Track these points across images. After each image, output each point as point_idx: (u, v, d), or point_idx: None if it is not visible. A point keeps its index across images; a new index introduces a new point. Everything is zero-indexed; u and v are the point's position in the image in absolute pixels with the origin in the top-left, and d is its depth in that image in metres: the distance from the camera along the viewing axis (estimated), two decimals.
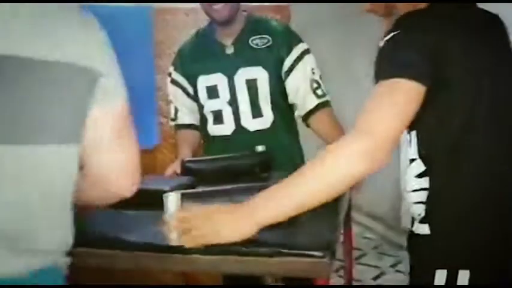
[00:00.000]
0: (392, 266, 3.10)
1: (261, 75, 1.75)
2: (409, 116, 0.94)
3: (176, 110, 1.88)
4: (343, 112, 1.90)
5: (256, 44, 1.76)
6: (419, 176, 1.02)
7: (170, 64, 1.91)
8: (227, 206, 1.02)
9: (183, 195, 1.03)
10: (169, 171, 1.66)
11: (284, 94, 1.79)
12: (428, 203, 1.01)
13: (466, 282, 0.97)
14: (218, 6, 1.67)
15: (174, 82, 1.87)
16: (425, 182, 1.02)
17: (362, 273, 3.01)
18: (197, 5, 1.92)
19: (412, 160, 1.02)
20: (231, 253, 0.98)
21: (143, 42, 2.52)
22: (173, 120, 1.90)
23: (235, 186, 1.15)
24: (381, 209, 3.57)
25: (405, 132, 1.01)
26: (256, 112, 1.76)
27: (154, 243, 1.01)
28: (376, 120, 0.94)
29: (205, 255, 0.98)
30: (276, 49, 1.75)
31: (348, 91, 3.76)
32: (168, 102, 2.23)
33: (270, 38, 1.76)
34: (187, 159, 1.65)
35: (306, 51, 1.78)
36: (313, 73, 1.77)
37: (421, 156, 1.01)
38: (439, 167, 1.00)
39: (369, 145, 0.91)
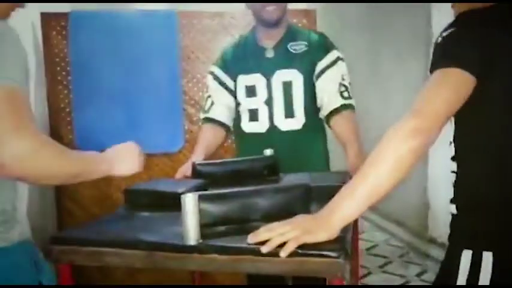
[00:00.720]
0: (418, 275, 3.04)
1: (296, 78, 1.85)
2: (457, 101, 1.04)
3: (212, 103, 1.94)
4: (368, 113, 1.91)
5: (294, 49, 1.88)
6: (452, 158, 1.14)
7: (213, 64, 2.01)
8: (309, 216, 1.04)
9: (200, 196, 1.03)
10: (179, 174, 1.71)
11: (315, 98, 1.87)
12: (456, 184, 1.13)
13: (489, 264, 1.04)
14: (271, 7, 1.79)
15: (216, 78, 1.95)
16: (455, 165, 1.14)
17: (387, 281, 2.95)
18: (223, 8, 1.95)
19: (450, 143, 1.14)
20: (247, 253, 0.98)
21: (169, 46, 2.54)
22: (205, 112, 1.96)
23: (251, 188, 1.15)
24: (408, 217, 3.51)
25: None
26: (289, 113, 1.86)
27: (172, 243, 1.01)
28: (427, 102, 1.03)
29: (222, 255, 0.98)
30: (311, 54, 1.86)
31: (372, 92, 3.73)
32: (193, 105, 2.25)
33: (306, 44, 1.88)
34: (198, 162, 1.68)
35: (339, 58, 1.87)
36: (343, 79, 1.85)
37: (454, 141, 1.13)
38: (467, 152, 1.12)
39: (420, 123, 1.00)
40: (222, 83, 1.93)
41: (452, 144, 1.14)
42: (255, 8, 1.84)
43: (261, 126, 1.88)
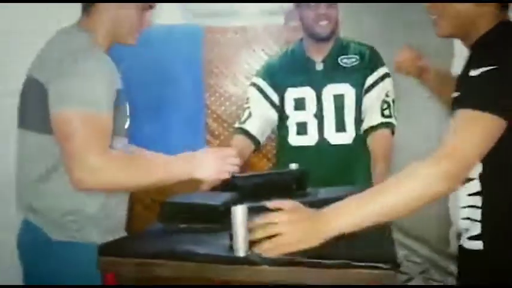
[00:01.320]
0: None
1: (348, 91, 1.85)
2: (488, 147, 1.02)
3: (249, 115, 1.92)
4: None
5: (345, 63, 1.88)
6: (472, 194, 1.12)
7: (255, 76, 1.99)
8: (306, 213, 1.02)
9: (249, 208, 1.03)
10: (205, 186, 1.67)
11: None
12: (482, 220, 1.10)
13: None
14: (324, 22, 1.80)
15: (259, 89, 1.93)
16: (477, 201, 1.11)
17: None
18: (246, 23, 1.97)
19: (468, 180, 1.10)
20: (296, 264, 0.97)
21: (193, 60, 2.57)
22: (241, 123, 1.93)
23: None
24: (429, 233, 3.47)
25: None
26: (340, 126, 1.85)
27: (224, 255, 1.01)
28: (460, 146, 1.00)
29: (271, 266, 0.98)
30: (363, 69, 1.86)
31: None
32: (215, 119, 2.26)
33: (357, 58, 1.87)
34: (232, 174, 1.66)
35: (386, 75, 1.86)
36: (387, 96, 1.84)
37: (479, 177, 1.10)
38: (495, 188, 1.10)
39: (450, 169, 0.98)
40: (265, 95, 1.92)
41: (475, 181, 1.11)
42: (307, 22, 1.84)
43: (310, 139, 1.87)
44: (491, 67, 1.02)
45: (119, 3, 1.31)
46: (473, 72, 1.04)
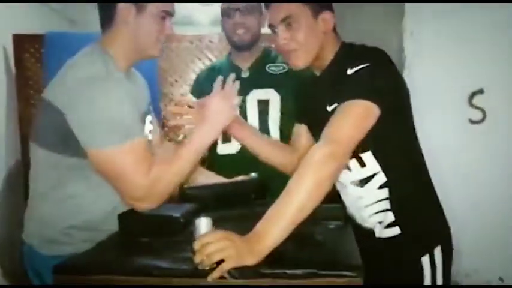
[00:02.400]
0: None
1: (273, 97, 1.83)
2: (364, 128, 1.17)
3: (184, 136, 1.86)
4: None
5: (273, 70, 1.88)
6: (380, 187, 1.29)
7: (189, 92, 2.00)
8: (237, 237, 1.02)
9: (214, 220, 1.01)
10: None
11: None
12: (393, 207, 1.29)
13: (440, 257, 1.29)
14: (241, 30, 1.80)
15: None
16: (385, 192, 1.29)
17: None
18: (201, 32, 1.93)
19: (372, 176, 1.29)
20: (265, 276, 0.96)
21: (148, 69, 2.51)
22: (178, 141, 1.96)
23: (254, 211, 1.15)
24: None
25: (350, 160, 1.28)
26: (264, 132, 1.77)
27: (186, 268, 0.98)
28: (339, 130, 1.15)
29: (237, 279, 0.96)
30: (293, 74, 1.75)
31: None
32: (170, 128, 2.21)
33: (285, 66, 1.86)
34: (187, 186, 1.62)
35: None
36: None
37: (383, 170, 1.28)
38: (399, 178, 1.29)
39: (334, 149, 1.10)
40: None
41: (381, 174, 1.29)
42: (226, 31, 1.86)
43: (233, 147, 1.84)
44: (365, 64, 1.20)
45: (137, 17, 1.30)
46: (349, 71, 1.22)
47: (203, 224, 0.99)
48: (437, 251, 1.30)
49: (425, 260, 1.29)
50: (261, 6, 1.83)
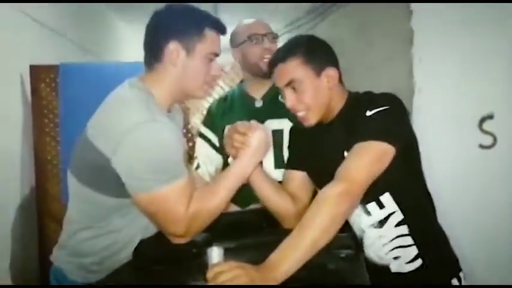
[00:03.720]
0: None
1: (287, 127, 1.75)
2: (379, 169, 1.20)
3: (198, 166, 1.88)
4: None
5: None
6: (398, 225, 1.31)
7: (201, 123, 1.96)
8: (251, 267, 1.04)
9: (226, 249, 1.03)
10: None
11: None
12: (416, 242, 1.31)
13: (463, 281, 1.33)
14: (269, 56, 1.73)
15: (202, 136, 1.90)
16: (403, 229, 1.31)
17: None
18: None
19: (389, 215, 1.31)
20: None
21: None
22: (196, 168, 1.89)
23: (264, 240, 1.17)
24: None
25: (363, 204, 1.31)
26: (280, 163, 1.75)
27: None
28: (354, 169, 1.18)
29: None
30: None
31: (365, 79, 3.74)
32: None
33: None
34: None
35: None
36: None
37: (400, 209, 1.30)
38: (415, 213, 1.31)
39: (348, 188, 1.14)
40: (207, 140, 1.88)
41: (398, 212, 1.30)
42: (253, 58, 1.80)
43: None
44: (384, 107, 1.24)
45: (186, 59, 1.29)
46: (368, 113, 1.24)
47: (215, 253, 1.00)
48: (462, 275, 1.35)
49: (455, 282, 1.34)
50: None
